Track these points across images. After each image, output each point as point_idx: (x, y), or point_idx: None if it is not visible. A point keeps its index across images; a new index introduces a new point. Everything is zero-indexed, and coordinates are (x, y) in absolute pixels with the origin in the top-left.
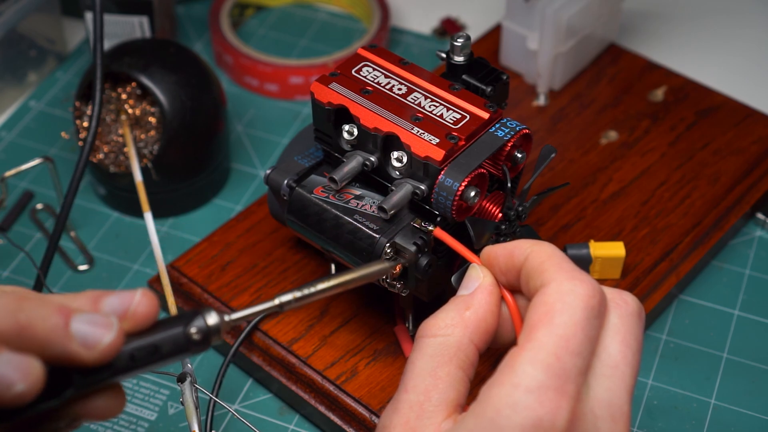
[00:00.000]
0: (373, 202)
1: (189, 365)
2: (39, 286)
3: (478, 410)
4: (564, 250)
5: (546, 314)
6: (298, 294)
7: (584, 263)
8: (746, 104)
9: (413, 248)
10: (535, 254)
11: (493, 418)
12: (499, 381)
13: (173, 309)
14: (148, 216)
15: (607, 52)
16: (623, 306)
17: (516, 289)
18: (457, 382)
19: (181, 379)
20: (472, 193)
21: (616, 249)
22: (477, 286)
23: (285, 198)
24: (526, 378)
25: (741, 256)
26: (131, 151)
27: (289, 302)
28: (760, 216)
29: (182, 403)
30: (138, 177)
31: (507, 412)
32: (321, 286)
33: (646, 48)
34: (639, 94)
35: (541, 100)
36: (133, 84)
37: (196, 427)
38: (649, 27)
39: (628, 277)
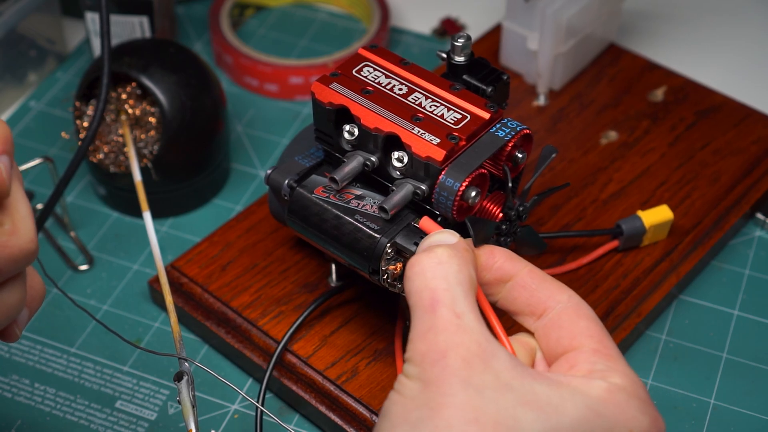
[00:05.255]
0: (374, 202)
1: (186, 364)
2: None
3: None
4: (617, 226)
5: None
6: None
7: (639, 235)
8: (746, 104)
9: (414, 248)
10: (575, 312)
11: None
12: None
13: (171, 308)
14: (147, 216)
15: (607, 52)
16: None
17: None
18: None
19: (177, 377)
20: (473, 193)
21: (663, 213)
22: (459, 241)
23: (286, 198)
24: None
25: (741, 256)
26: (131, 151)
27: None
28: (760, 216)
29: (179, 402)
30: (137, 177)
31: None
32: None
33: (646, 48)
34: (639, 94)
35: (541, 100)
36: (133, 84)
37: (193, 426)
38: (649, 27)
39: (628, 278)
